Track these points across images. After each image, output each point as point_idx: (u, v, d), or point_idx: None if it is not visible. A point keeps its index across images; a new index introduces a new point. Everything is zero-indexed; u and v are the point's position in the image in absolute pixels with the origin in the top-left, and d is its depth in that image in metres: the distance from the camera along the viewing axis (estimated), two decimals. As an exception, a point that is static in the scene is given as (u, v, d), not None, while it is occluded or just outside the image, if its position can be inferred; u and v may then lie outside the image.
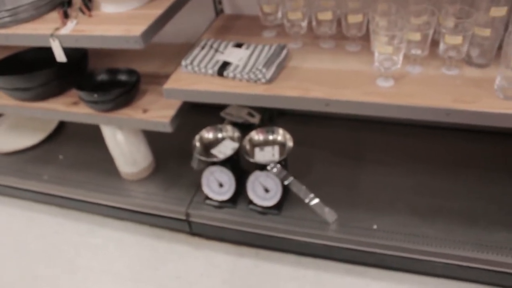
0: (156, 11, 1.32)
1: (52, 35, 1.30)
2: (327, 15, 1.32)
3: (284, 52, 1.34)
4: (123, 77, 1.62)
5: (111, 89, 1.47)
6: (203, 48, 1.41)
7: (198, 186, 1.67)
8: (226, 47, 1.41)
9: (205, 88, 1.31)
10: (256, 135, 1.58)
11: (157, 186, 1.77)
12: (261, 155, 1.53)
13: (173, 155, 1.87)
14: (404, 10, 1.18)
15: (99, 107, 1.49)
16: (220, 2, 1.74)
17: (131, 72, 1.59)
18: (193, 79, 1.35)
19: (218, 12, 1.75)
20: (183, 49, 1.48)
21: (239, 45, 1.41)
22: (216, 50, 1.40)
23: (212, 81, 1.33)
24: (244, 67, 1.30)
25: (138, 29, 1.24)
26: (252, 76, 1.27)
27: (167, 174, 1.81)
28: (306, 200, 1.51)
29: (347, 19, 1.30)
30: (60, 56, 1.33)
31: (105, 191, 1.78)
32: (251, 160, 1.49)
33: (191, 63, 1.35)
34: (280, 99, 1.25)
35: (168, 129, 1.45)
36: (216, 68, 1.32)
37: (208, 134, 1.62)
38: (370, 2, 1.24)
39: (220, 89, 1.30)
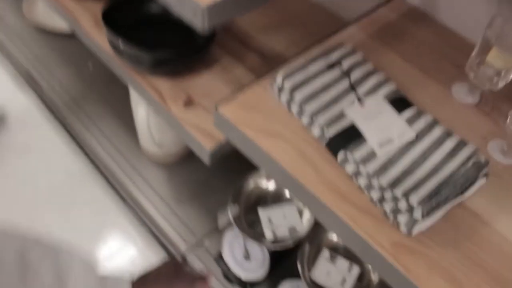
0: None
1: None
2: None
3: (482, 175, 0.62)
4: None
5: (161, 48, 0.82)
6: (326, 69, 0.70)
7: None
8: (372, 91, 0.69)
9: (278, 156, 0.64)
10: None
11: (172, 185, 1.18)
12: (323, 270, 0.88)
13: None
14: None
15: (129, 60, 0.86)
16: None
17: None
18: (270, 118, 0.67)
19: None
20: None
21: (399, 104, 0.68)
22: (352, 89, 0.69)
23: (305, 149, 0.65)
24: (389, 168, 0.61)
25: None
26: (391, 205, 0.58)
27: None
28: None
29: None
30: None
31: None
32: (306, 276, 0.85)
33: (292, 89, 0.66)
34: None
35: (205, 159, 0.82)
36: (330, 132, 0.63)
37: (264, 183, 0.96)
38: None
39: (309, 182, 0.62)
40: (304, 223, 0.90)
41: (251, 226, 0.95)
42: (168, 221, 1.15)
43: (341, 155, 0.62)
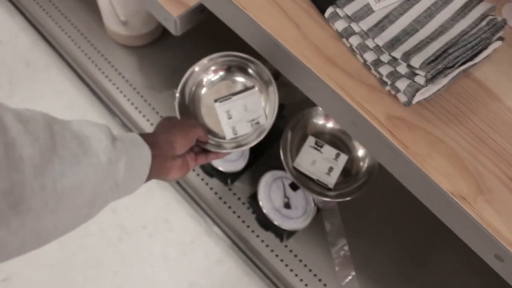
0: None
1: None
2: None
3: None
4: None
5: None
6: None
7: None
8: None
9: (256, 14, 0.52)
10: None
11: (143, 71, 1.06)
12: (308, 159, 0.81)
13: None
14: None
15: None
16: None
17: None
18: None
19: None
20: None
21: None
22: None
23: (286, 5, 0.53)
24: (387, 26, 0.50)
25: None
26: (389, 69, 0.48)
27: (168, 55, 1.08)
28: (334, 255, 0.85)
29: None
30: None
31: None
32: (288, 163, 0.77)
33: None
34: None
35: (172, 28, 0.70)
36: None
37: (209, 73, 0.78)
38: None
39: (291, 44, 0.51)
40: (268, 114, 0.73)
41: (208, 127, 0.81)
42: (140, 110, 1.05)
43: (329, 10, 0.50)
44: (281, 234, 0.88)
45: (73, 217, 0.45)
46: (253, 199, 0.87)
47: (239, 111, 0.75)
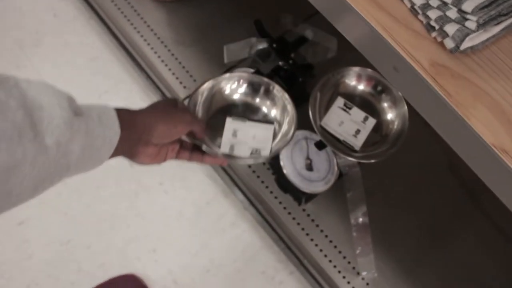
0: None
1: None
2: None
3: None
4: None
5: None
6: None
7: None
8: None
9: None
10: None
11: (172, 26, 1.05)
12: (336, 119, 0.79)
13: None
14: None
15: None
16: None
17: None
18: None
19: None
20: None
21: None
22: None
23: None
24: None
25: None
26: (437, 13, 0.46)
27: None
28: (352, 221, 0.84)
29: None
30: None
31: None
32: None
33: None
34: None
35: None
36: None
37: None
38: None
39: None
40: (272, 148, 0.72)
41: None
42: (166, 63, 1.04)
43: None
44: (299, 197, 0.87)
45: (3, 200, 0.39)
46: (275, 159, 0.85)
47: (246, 136, 0.73)
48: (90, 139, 0.45)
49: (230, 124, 0.73)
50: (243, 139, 0.72)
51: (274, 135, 0.73)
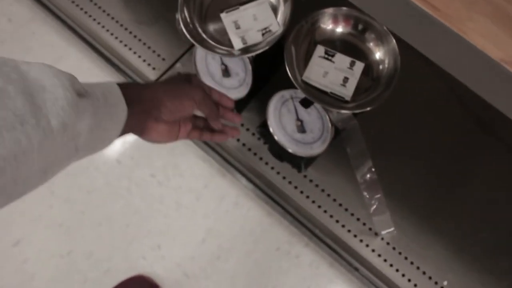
0: None
1: None
2: None
3: None
4: None
5: None
6: None
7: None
8: None
9: None
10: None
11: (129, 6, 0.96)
12: (319, 71, 0.70)
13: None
14: None
15: None
16: None
17: None
18: None
19: None
20: None
21: None
22: None
23: None
24: None
25: None
26: None
27: None
28: (359, 179, 0.76)
29: None
30: None
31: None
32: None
33: None
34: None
35: None
36: None
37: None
38: None
39: None
40: (279, 20, 0.70)
41: (216, 39, 0.74)
42: (131, 48, 0.95)
43: None
44: (298, 163, 0.80)
45: (12, 189, 0.37)
46: (263, 127, 0.77)
47: (248, 21, 0.69)
48: (97, 119, 0.43)
49: (226, 18, 0.72)
50: (247, 25, 0.71)
51: (274, 9, 0.72)
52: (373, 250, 0.79)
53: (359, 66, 0.70)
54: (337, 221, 0.79)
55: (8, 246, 1.01)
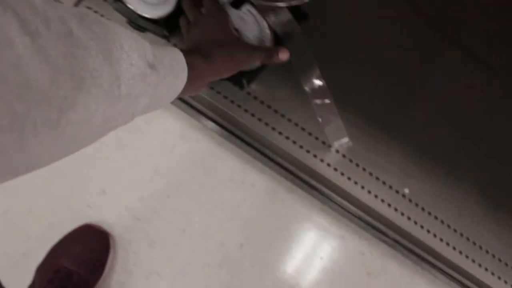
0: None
1: None
2: None
3: None
4: None
5: None
6: None
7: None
8: None
9: None
10: None
11: None
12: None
13: None
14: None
15: None
16: None
17: None
18: None
19: None
20: None
21: None
22: None
23: None
24: None
25: None
26: None
27: None
28: (307, 89, 0.70)
29: None
30: None
31: None
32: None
33: None
34: None
35: None
36: None
37: None
38: None
39: None
40: None
41: None
42: None
43: None
44: (239, 80, 0.71)
45: (70, 148, 0.37)
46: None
47: None
48: (157, 91, 0.43)
49: None
50: None
51: None
52: (328, 164, 0.73)
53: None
54: (287, 138, 0.73)
55: None
